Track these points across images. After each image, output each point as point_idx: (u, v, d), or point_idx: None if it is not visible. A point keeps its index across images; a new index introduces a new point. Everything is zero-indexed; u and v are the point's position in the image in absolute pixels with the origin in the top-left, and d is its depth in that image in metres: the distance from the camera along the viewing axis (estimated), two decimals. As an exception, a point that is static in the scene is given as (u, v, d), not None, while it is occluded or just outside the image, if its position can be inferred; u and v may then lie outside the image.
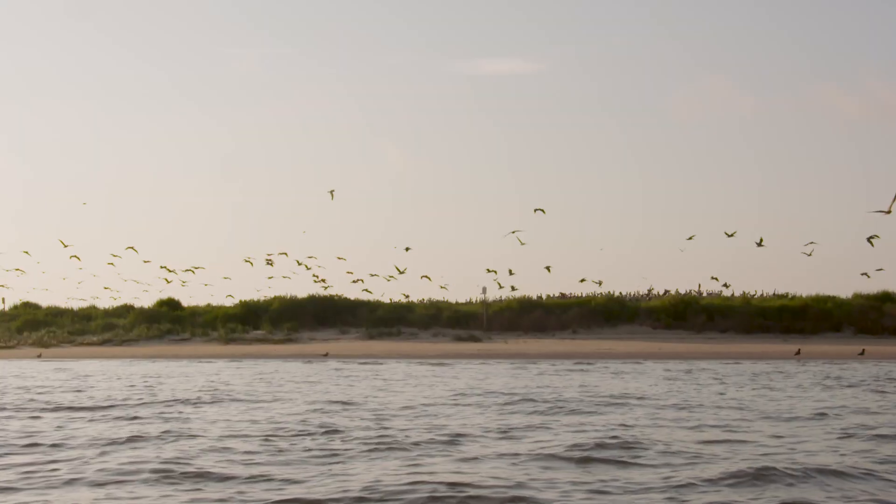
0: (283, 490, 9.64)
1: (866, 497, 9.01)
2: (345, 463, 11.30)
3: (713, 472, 10.25)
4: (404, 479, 9.98)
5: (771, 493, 9.25)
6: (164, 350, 51.75)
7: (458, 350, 49.85)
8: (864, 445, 12.51)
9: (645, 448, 12.09)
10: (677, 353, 46.60)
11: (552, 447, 12.13)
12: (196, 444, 12.96)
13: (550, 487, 9.58)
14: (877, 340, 57.02)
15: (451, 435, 13.65)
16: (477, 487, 9.47)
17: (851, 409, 17.55)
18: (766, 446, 12.30)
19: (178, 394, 21.94)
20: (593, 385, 24.04)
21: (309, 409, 18.04)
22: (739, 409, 17.35)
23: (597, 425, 14.81)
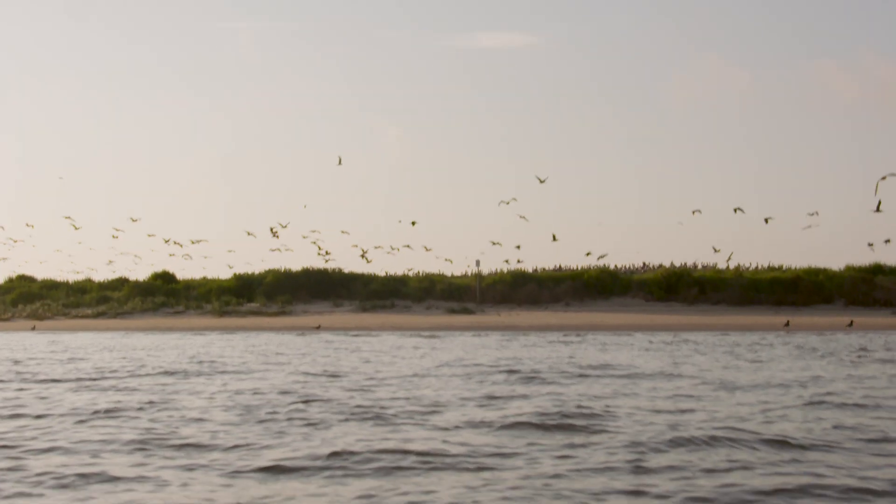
0: (259, 456, 9.86)
1: (803, 463, 9.24)
2: (322, 431, 11.52)
3: (664, 438, 10.52)
4: (375, 447, 10.21)
5: (717, 458, 9.48)
6: (158, 323, 52.04)
7: (451, 322, 50.17)
8: (820, 413, 12.74)
9: (607, 417, 12.33)
10: (668, 325, 46.92)
11: (522, 415, 12.37)
12: (177, 414, 13.18)
13: (515, 454, 9.81)
14: (868, 312, 57.38)
15: (430, 404, 13.88)
16: (443, 456, 9.70)
17: (816, 379, 17.80)
18: (721, 414, 12.53)
19: (165, 365, 22.17)
20: (575, 356, 24.30)
21: (294, 379, 18.28)
22: (706, 381, 17.60)
23: (569, 395, 15.06)
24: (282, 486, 8.61)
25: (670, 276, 62.71)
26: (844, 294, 60.76)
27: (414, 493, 8.14)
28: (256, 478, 8.94)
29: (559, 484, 8.48)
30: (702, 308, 59.79)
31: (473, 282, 63.19)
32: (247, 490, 8.50)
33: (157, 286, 61.89)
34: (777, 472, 8.91)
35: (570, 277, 63.44)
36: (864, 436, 10.83)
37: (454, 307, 58.77)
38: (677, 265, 69.91)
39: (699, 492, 8.13)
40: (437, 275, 65.28)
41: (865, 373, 19.24)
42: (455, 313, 56.78)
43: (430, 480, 8.69)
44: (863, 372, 19.45)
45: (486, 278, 63.83)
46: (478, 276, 63.22)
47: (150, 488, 8.52)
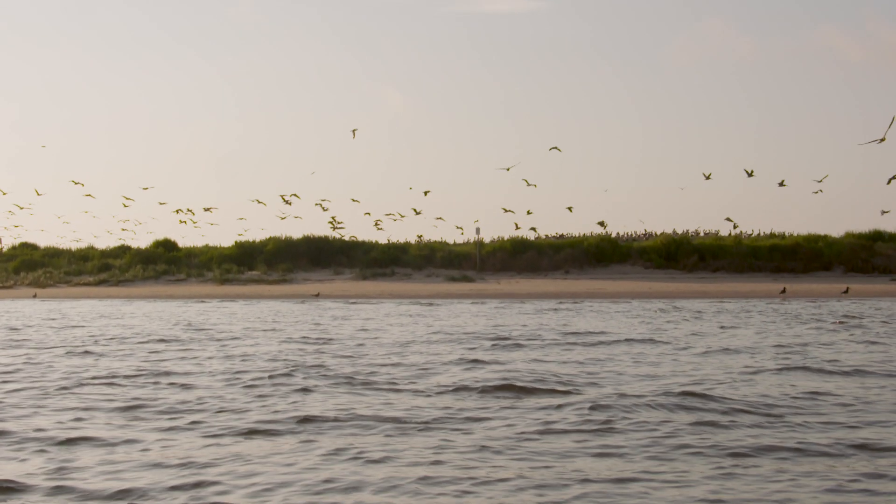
0: (241, 419, 10.11)
1: (743, 426, 9.48)
2: (306, 395, 11.78)
3: (625, 401, 10.82)
4: (354, 410, 10.46)
5: (672, 419, 9.72)
6: (158, 290, 52.35)
7: (450, 290, 50.39)
8: (774, 378, 12.98)
9: (579, 382, 12.58)
10: (666, 292, 47.10)
11: (497, 380, 12.62)
12: (166, 380, 13.44)
13: (486, 417, 10.05)
14: (866, 279, 57.48)
15: (415, 371, 14.14)
16: (415, 420, 9.95)
17: (792, 343, 18.03)
18: (684, 379, 12.76)
19: (160, 332, 22.45)
20: (564, 324, 24.53)
21: (286, 346, 18.55)
22: (680, 347, 17.84)
23: (547, 360, 15.33)
24: (257, 445, 8.86)
25: (670, 243, 62.78)
26: (844, 261, 60.81)
27: (378, 452, 8.37)
28: (235, 439, 9.19)
29: (527, 444, 8.71)
30: (701, 276, 59.91)
31: (473, 249, 63.33)
32: (224, 449, 8.76)
33: (158, 254, 62.14)
34: (720, 431, 9.14)
35: (570, 245, 63.53)
36: (813, 399, 11.07)
37: (454, 275, 58.95)
38: (680, 232, 70.02)
39: (658, 448, 8.35)
40: (438, 242, 65.43)
41: (830, 339, 19.47)
42: (455, 281, 56.99)
43: (398, 440, 8.93)
44: (829, 339, 19.67)
45: (487, 246, 63.96)
46: (478, 244, 63.37)
47: (129, 449, 8.77)
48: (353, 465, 7.96)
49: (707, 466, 7.86)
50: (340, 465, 8.00)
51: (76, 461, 8.35)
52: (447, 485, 7.31)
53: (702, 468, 7.80)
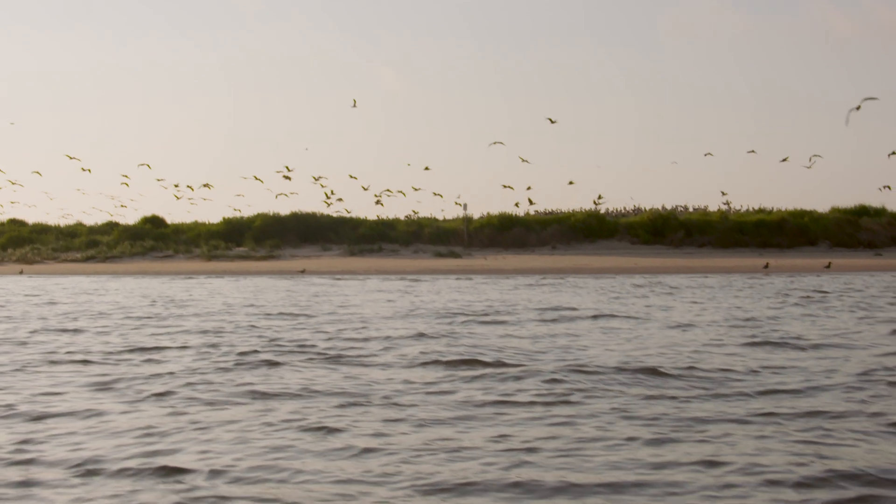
0: (207, 391, 10.31)
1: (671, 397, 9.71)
2: (272, 368, 11.98)
3: (547, 368, 11.11)
4: (315, 383, 10.67)
5: (615, 387, 9.96)
6: (146, 267, 52.47)
7: (436, 266, 50.60)
8: (729, 350, 13.24)
9: (539, 354, 12.82)
10: (651, 267, 47.37)
11: (460, 354, 12.87)
12: (140, 357, 13.61)
13: (434, 391, 10.27)
14: (851, 254, 57.87)
15: (385, 345, 14.35)
16: (373, 393, 10.17)
17: (754, 318, 18.29)
18: (636, 352, 13.00)
19: (140, 308, 22.63)
20: (540, 300, 24.77)
21: (262, 321, 18.75)
22: (643, 320, 18.09)
23: (520, 334, 15.57)
24: (216, 414, 9.07)
25: (656, 219, 63.03)
26: (829, 236, 61.17)
27: (333, 423, 8.58)
28: (195, 409, 9.40)
29: (479, 413, 8.93)
30: (687, 251, 60.22)
31: (461, 225, 63.50)
32: (183, 417, 8.99)
33: (146, 230, 62.20)
34: (643, 400, 9.37)
35: (558, 221, 63.73)
36: (746, 370, 11.31)
37: (441, 251, 59.16)
38: (669, 207, 70.26)
39: (606, 417, 8.58)
40: (426, 218, 65.58)
41: (791, 312, 19.75)
42: (442, 257, 57.20)
43: (352, 411, 9.14)
44: (787, 313, 19.95)
45: (474, 222, 64.12)
46: (465, 220, 63.53)
47: (92, 422, 8.95)
48: (307, 435, 8.16)
49: (648, 432, 8.09)
50: (293, 433, 8.21)
51: (41, 433, 8.52)
52: (391, 454, 7.52)
53: (643, 433, 8.03)
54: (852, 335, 15.30)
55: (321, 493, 6.52)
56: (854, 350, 13.43)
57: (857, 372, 11.17)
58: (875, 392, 9.89)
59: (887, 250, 59.20)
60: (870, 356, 12.69)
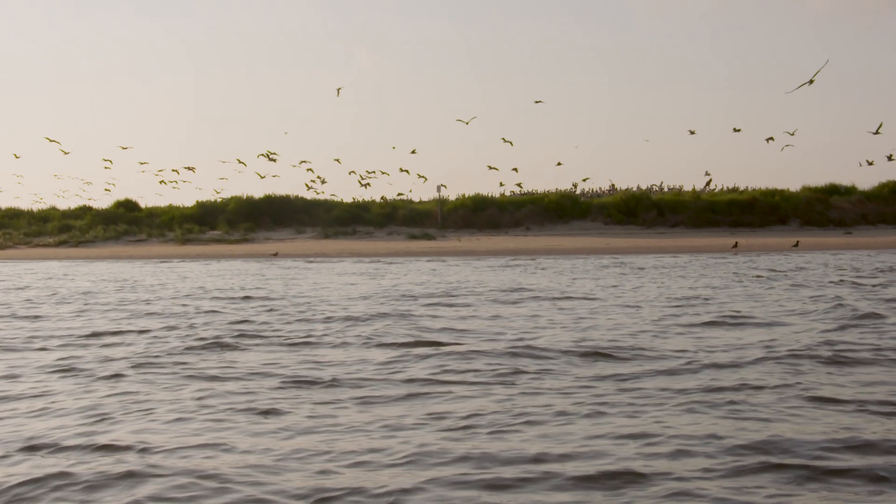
0: (154, 371, 10.50)
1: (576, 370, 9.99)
2: (222, 352, 12.16)
3: (489, 347, 11.35)
4: (248, 367, 10.87)
5: (536, 364, 10.25)
6: (118, 251, 52.33)
7: (409, 248, 50.73)
8: (673, 329, 13.54)
9: (482, 335, 13.08)
10: (622, 248, 47.70)
11: (405, 336, 13.13)
12: (97, 342, 13.76)
13: (363, 370, 10.50)
14: (822, 232, 58.47)
15: (338, 328, 14.57)
16: (300, 376, 10.40)
17: (698, 297, 18.63)
18: (572, 334, 13.29)
19: (103, 294, 22.72)
20: (499, 281, 25.05)
21: (225, 305, 18.91)
22: (600, 300, 18.38)
23: (472, 315, 15.84)
24: (163, 395, 9.27)
25: (629, 199, 63.41)
26: (800, 215, 61.75)
27: (273, 400, 8.79)
28: (143, 391, 9.61)
29: (423, 389, 9.16)
30: (659, 231, 60.64)
31: (435, 207, 63.66)
32: (128, 398, 9.25)
33: (119, 214, 61.99)
34: (574, 380, 9.65)
35: (531, 202, 63.98)
36: (666, 352, 11.62)
37: (415, 233, 59.29)
38: (644, 187, 70.69)
39: (540, 396, 8.83)
40: (401, 200, 65.66)
41: (740, 291, 20.11)
42: (415, 239, 57.35)
43: (299, 392, 9.36)
44: (740, 290, 20.31)
45: (448, 203, 64.29)
46: (439, 202, 63.68)
47: (40, 403, 9.12)
48: (247, 415, 8.36)
49: (574, 405, 8.36)
50: (234, 413, 8.41)
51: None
52: (327, 432, 7.74)
53: (569, 406, 8.30)
54: (789, 314, 15.64)
55: (247, 465, 6.74)
56: (788, 327, 13.76)
57: (785, 348, 11.48)
58: (798, 367, 10.20)
59: (857, 229, 59.85)
60: (800, 333, 13.02)
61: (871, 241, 49.92)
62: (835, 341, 12.01)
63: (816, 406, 8.38)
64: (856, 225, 60.71)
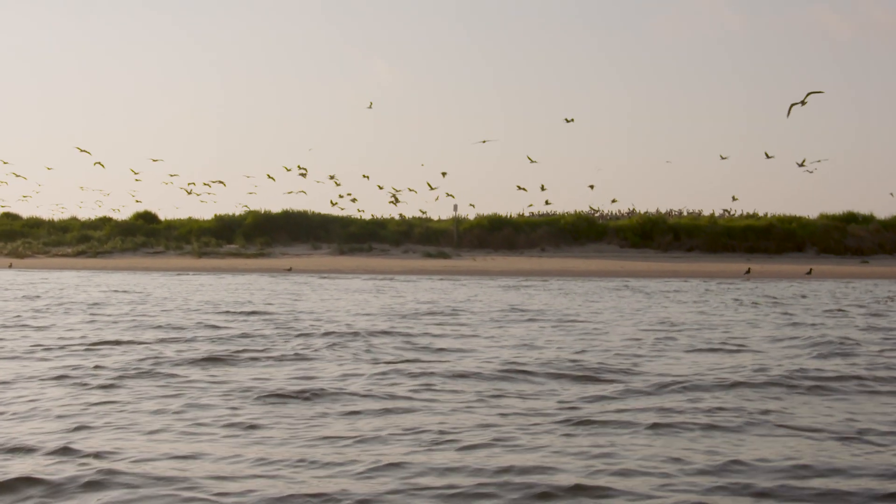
0: (123, 375, 10.76)
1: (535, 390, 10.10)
2: (213, 366, 12.38)
3: (478, 366, 11.60)
4: (232, 381, 11.08)
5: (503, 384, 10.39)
6: (135, 262, 52.88)
7: (424, 266, 50.99)
8: (634, 351, 13.63)
9: (455, 350, 13.25)
10: (636, 271, 47.73)
11: (384, 352, 13.35)
12: (92, 351, 14.02)
13: (343, 384, 10.68)
14: (838, 260, 58.23)
15: (310, 343, 14.76)
16: (277, 389, 10.59)
17: (678, 323, 18.71)
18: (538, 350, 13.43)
19: (111, 305, 23.06)
20: (499, 300, 25.23)
21: (217, 319, 19.18)
22: (578, 320, 18.51)
23: (461, 333, 16.01)
24: (145, 405, 9.49)
25: (645, 222, 63.40)
26: (817, 242, 61.52)
27: (245, 411, 8.99)
28: (119, 398, 9.92)
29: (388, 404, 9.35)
30: (675, 255, 60.59)
31: (451, 226, 63.90)
32: (89, 398, 9.56)
33: (138, 226, 62.65)
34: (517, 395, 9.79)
35: (547, 223, 64.11)
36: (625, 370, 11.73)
37: (430, 251, 59.58)
38: (664, 210, 70.70)
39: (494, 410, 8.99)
40: (416, 218, 65.97)
41: (725, 317, 20.17)
42: (430, 257, 57.62)
43: (271, 405, 9.55)
44: (724, 317, 20.37)
45: (464, 222, 64.53)
46: (455, 221, 63.92)
47: (24, 409, 9.36)
48: (218, 427, 8.55)
49: (546, 424, 8.51)
50: (210, 427, 8.60)
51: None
52: (288, 444, 7.92)
53: (495, 420, 8.46)
54: (759, 340, 15.73)
55: (213, 474, 6.92)
56: (757, 354, 13.83)
57: (743, 374, 11.61)
58: (744, 394, 10.36)
59: (874, 257, 59.57)
60: (766, 360, 13.09)
61: (887, 270, 49.68)
62: (804, 368, 12.15)
63: (767, 432, 8.52)
64: (873, 254, 60.40)
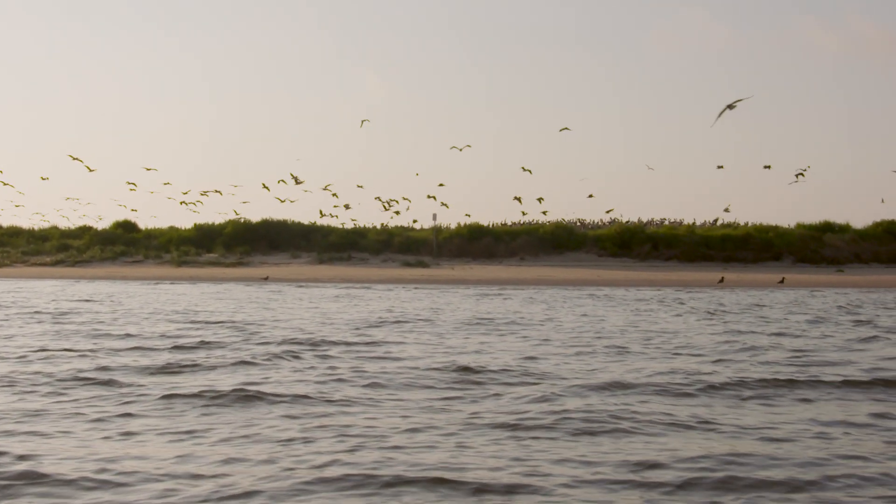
0: (75, 376, 10.94)
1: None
2: (161, 374, 12.57)
3: (427, 368, 11.80)
4: (156, 388, 11.29)
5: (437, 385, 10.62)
6: (113, 272, 52.89)
7: (402, 276, 51.15)
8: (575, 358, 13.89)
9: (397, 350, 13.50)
10: (613, 280, 48.03)
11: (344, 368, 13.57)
12: (37, 359, 14.19)
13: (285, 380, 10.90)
14: (814, 269, 58.66)
15: (279, 349, 14.98)
16: (171, 396, 10.81)
17: (635, 330, 19.00)
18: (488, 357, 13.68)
19: (76, 314, 23.21)
20: (466, 308, 25.45)
21: (185, 326, 19.35)
22: (532, 324, 18.78)
23: (412, 338, 16.25)
24: (69, 408, 9.69)
25: (624, 232, 63.74)
26: (794, 251, 61.94)
27: (180, 419, 9.19)
28: (50, 391, 10.15)
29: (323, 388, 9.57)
30: (653, 264, 60.93)
31: (431, 235, 64.11)
32: (40, 400, 9.79)
33: (117, 235, 62.62)
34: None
35: (526, 232, 64.37)
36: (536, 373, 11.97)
37: (410, 261, 59.73)
38: (645, 220, 71.11)
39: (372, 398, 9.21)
40: (396, 228, 66.16)
41: (674, 327, 20.48)
42: (410, 266, 57.77)
43: (208, 409, 9.76)
44: (679, 327, 20.67)
45: (444, 232, 64.76)
46: (434, 230, 64.14)
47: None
48: (149, 432, 8.77)
49: (448, 424, 8.75)
50: (132, 426, 8.81)
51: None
52: (223, 444, 8.13)
53: (441, 423, 8.69)
54: (681, 349, 16.06)
55: (130, 472, 7.14)
56: (667, 361, 14.12)
57: (645, 378, 11.95)
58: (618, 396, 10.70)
59: (850, 267, 60.03)
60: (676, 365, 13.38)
61: (859, 279, 50.14)
62: (700, 371, 12.65)
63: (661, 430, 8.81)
64: (849, 263, 60.87)
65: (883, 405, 10.43)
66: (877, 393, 11.25)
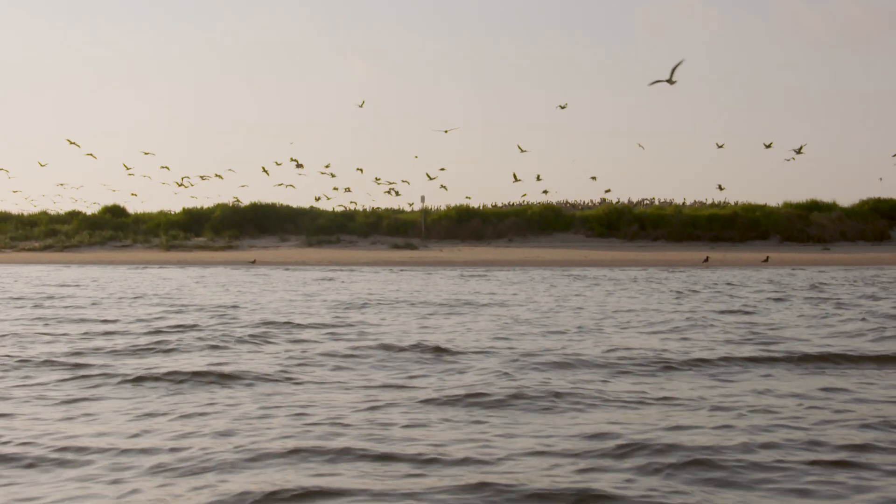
0: (46, 361, 11.12)
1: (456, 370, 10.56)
2: (132, 356, 12.74)
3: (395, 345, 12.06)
4: (174, 367, 11.46)
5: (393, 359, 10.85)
6: (102, 256, 52.97)
7: (390, 258, 51.34)
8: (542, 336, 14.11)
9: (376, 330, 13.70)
10: (599, 260, 48.29)
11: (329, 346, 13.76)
12: (15, 342, 14.36)
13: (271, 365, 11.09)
14: (800, 248, 58.98)
15: (249, 330, 15.17)
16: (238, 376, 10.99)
17: (611, 308, 19.23)
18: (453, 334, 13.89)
19: (54, 300, 23.35)
20: (443, 289, 25.64)
21: (164, 310, 19.53)
22: (508, 305, 18.98)
23: (387, 318, 16.45)
24: (33, 379, 9.88)
25: (611, 212, 63.97)
26: (780, 230, 62.25)
27: (100, 402, 9.38)
28: (20, 374, 10.34)
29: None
30: (640, 244, 61.19)
31: (420, 217, 64.25)
32: (6, 383, 10.00)
33: (106, 220, 62.65)
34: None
35: (514, 213, 64.56)
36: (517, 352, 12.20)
37: (398, 243, 59.92)
38: (635, 200, 71.34)
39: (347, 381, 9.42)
40: (385, 210, 66.33)
41: (625, 303, 20.72)
42: (398, 249, 57.97)
43: (171, 389, 9.95)
44: (643, 305, 20.92)
45: (432, 214, 64.89)
46: (423, 212, 64.25)
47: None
48: (108, 410, 8.96)
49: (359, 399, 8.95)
50: (91, 404, 9.01)
51: None
52: (185, 420, 8.33)
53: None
54: (631, 326, 16.28)
55: (91, 445, 7.35)
56: (611, 336, 14.35)
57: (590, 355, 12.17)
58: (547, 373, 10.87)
59: (836, 245, 60.35)
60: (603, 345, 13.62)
61: (843, 257, 50.45)
62: (655, 348, 12.99)
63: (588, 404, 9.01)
64: (835, 241, 61.19)
65: (827, 378, 10.69)
66: (827, 367, 11.52)
